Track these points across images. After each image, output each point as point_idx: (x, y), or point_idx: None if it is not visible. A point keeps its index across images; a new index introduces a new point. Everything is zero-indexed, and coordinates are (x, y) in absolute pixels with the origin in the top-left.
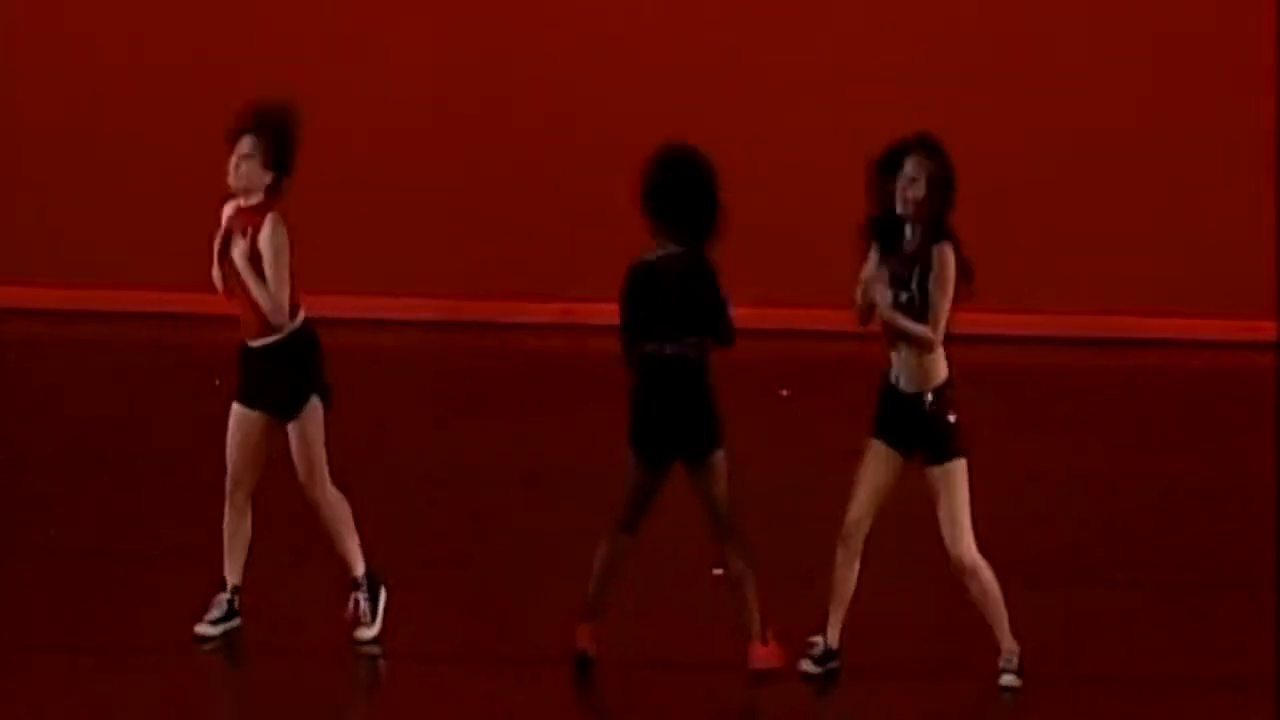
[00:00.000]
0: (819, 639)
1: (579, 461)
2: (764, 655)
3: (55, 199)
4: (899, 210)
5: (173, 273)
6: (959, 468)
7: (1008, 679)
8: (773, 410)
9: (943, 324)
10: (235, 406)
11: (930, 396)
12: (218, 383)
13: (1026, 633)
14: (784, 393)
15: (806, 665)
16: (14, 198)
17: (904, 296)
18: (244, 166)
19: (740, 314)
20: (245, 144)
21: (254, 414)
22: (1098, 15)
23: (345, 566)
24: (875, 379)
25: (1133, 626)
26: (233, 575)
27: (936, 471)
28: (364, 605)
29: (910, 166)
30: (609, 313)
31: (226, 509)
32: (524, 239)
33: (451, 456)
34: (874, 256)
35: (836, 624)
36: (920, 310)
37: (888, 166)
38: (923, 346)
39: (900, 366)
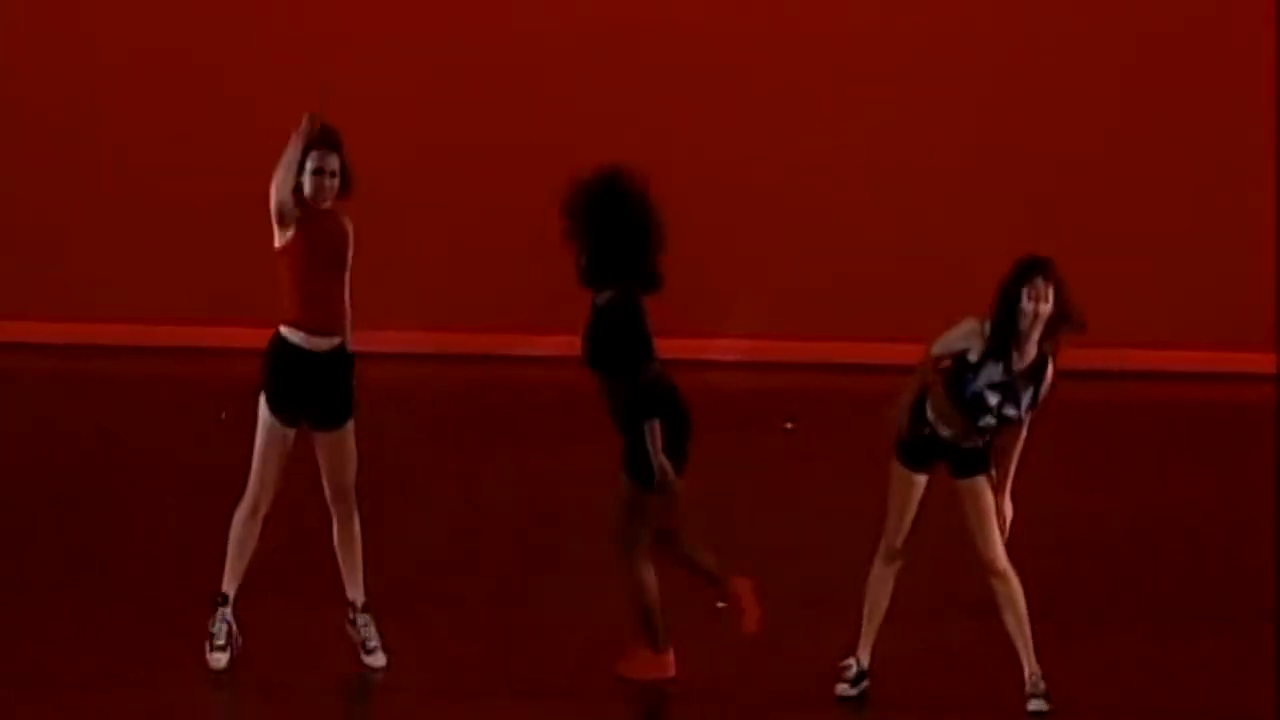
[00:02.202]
0: (851, 661)
1: (584, 494)
2: (649, 665)
3: (54, 234)
4: (1023, 324)
5: (175, 306)
6: (986, 481)
7: (1035, 704)
8: (777, 443)
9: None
10: (274, 422)
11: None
12: (222, 415)
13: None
14: (788, 425)
15: (843, 689)
16: (12, 233)
17: (1011, 411)
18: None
19: (744, 346)
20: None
21: (290, 430)
22: (1102, 52)
23: (348, 589)
24: (877, 410)
25: (1129, 659)
26: (231, 586)
27: (965, 484)
28: (369, 630)
29: (1042, 286)
30: None
31: (244, 521)
32: (527, 271)
33: (455, 490)
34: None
35: (868, 643)
36: (1011, 423)
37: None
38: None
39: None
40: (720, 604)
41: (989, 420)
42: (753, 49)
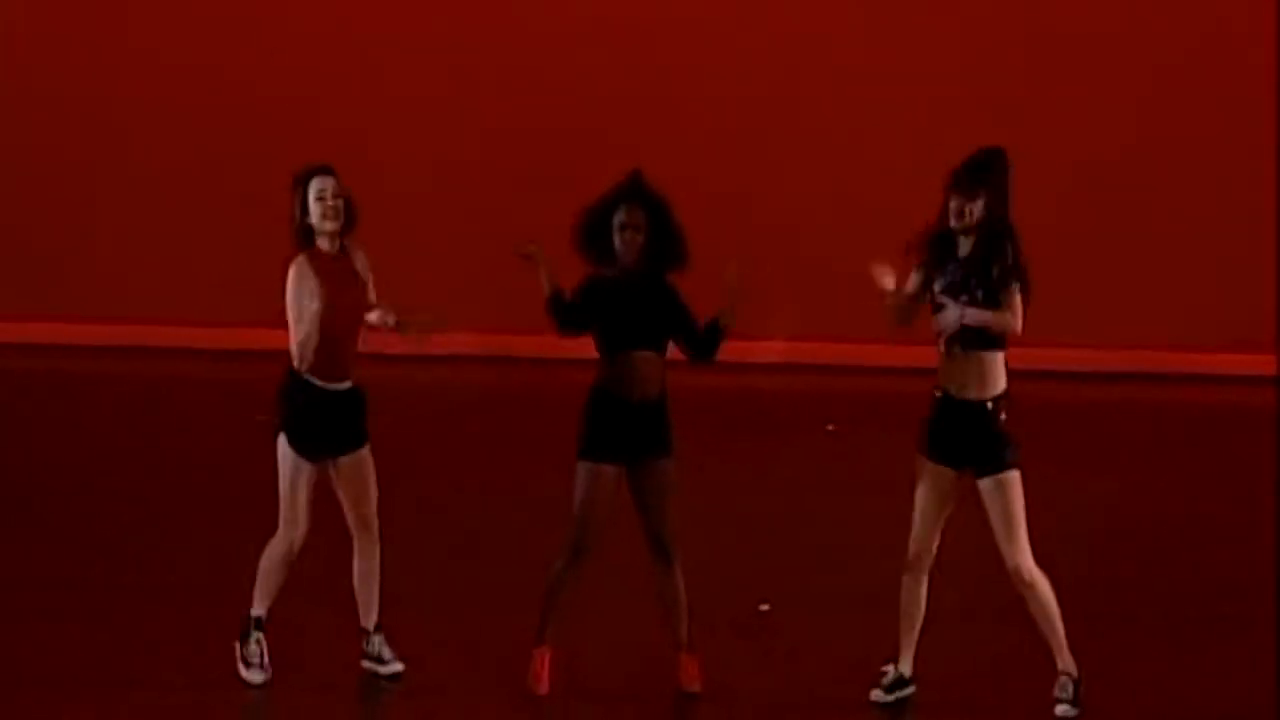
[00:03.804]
0: (889, 667)
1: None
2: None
3: (94, 236)
4: (953, 224)
5: (213, 308)
6: (1014, 479)
7: (1062, 709)
8: (819, 445)
9: (1020, 309)
10: (296, 459)
11: (991, 404)
12: (260, 417)
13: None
14: (830, 428)
15: (877, 694)
16: (53, 235)
17: (964, 299)
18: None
19: (786, 348)
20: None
21: (313, 465)
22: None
23: (362, 617)
24: (920, 412)
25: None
26: (263, 609)
27: (990, 483)
28: (384, 646)
29: (966, 199)
30: None
31: (279, 559)
32: (570, 273)
33: (496, 492)
34: (922, 273)
35: (908, 651)
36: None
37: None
38: (1006, 330)
39: (961, 377)
40: (763, 606)
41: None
42: (793, 52)
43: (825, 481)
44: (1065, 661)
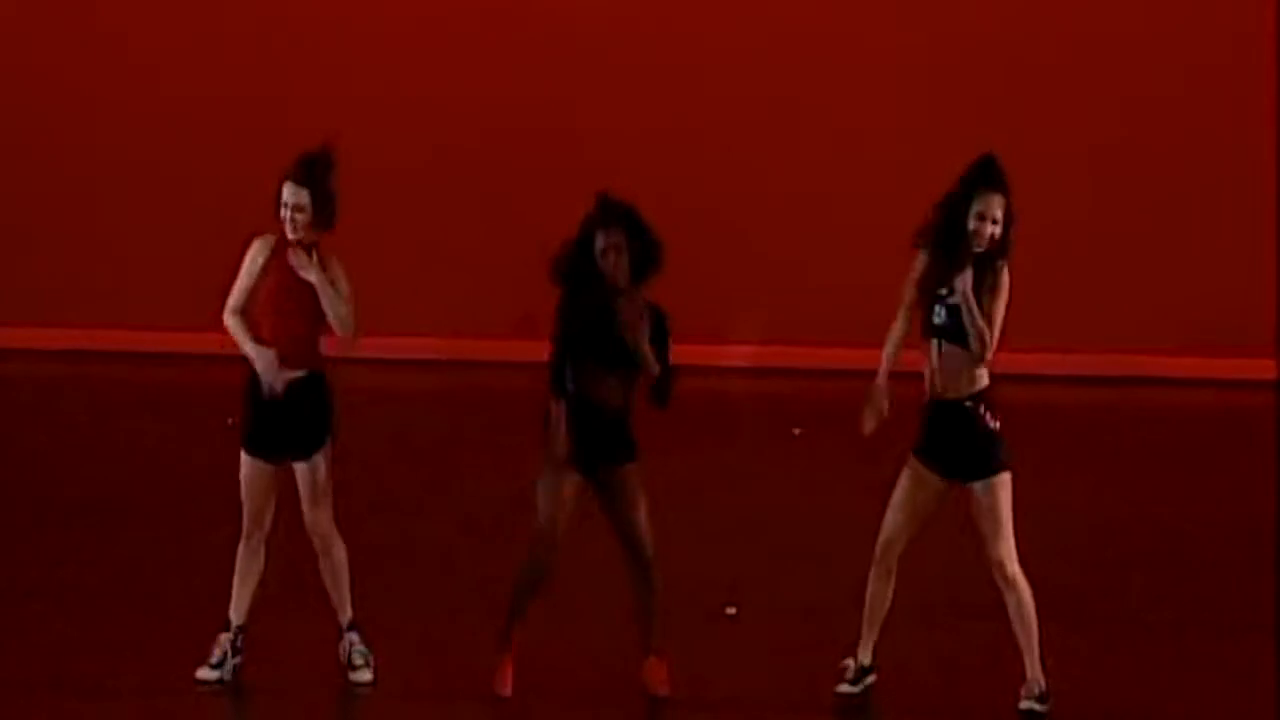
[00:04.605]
0: (849, 661)
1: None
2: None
3: (66, 243)
4: (973, 243)
5: (182, 313)
6: (1002, 482)
7: (1027, 704)
8: (785, 448)
9: (997, 334)
10: (249, 459)
11: (971, 403)
12: (230, 421)
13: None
14: (796, 431)
15: (843, 688)
16: (28, 242)
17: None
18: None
19: (752, 352)
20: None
21: (269, 465)
22: (1102, 60)
23: (335, 610)
24: (891, 414)
25: (1125, 665)
26: (238, 616)
27: (979, 486)
28: (356, 648)
29: (996, 206)
30: None
31: (239, 554)
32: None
33: (461, 495)
34: (924, 262)
35: (869, 642)
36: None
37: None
38: (979, 349)
39: (944, 376)
40: (730, 610)
41: (940, 317)
42: (763, 56)
43: (792, 485)
44: (1034, 670)
